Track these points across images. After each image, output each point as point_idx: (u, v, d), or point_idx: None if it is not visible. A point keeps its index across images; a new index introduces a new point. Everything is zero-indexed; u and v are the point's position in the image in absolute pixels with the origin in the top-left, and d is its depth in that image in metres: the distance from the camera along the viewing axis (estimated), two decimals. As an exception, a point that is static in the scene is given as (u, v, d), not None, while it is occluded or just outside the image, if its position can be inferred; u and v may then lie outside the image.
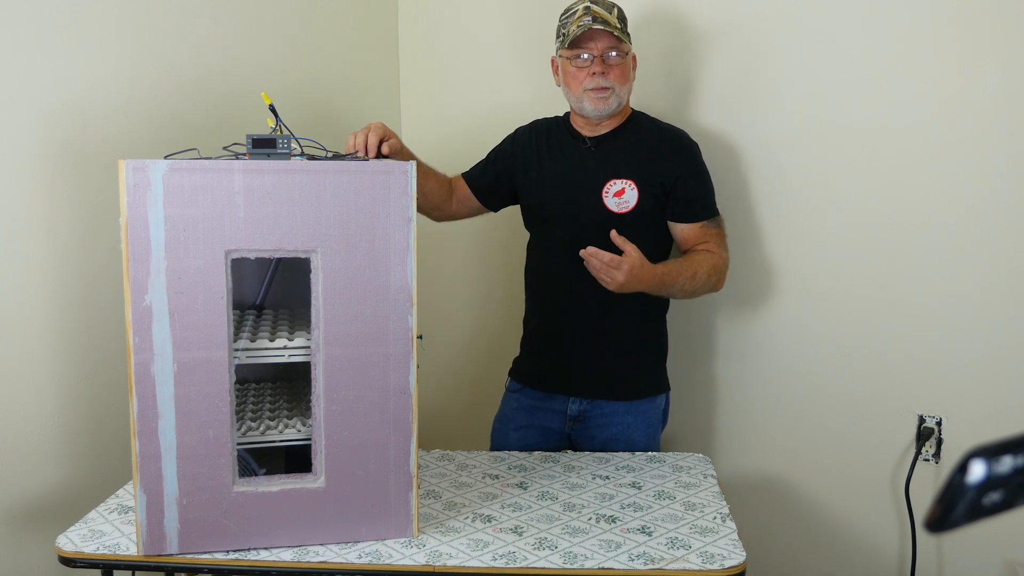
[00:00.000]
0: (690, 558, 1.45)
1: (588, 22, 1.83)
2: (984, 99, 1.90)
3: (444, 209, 2.09)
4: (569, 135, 2.00)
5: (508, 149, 2.08)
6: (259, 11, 2.25)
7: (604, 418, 2.00)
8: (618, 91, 1.89)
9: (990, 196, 1.92)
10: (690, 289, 1.87)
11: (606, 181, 1.91)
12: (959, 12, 1.91)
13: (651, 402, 2.02)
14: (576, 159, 1.97)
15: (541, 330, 2.06)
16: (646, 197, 1.90)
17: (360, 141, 1.70)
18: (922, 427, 2.05)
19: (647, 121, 2.02)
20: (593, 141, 1.96)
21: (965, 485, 0.51)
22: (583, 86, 1.88)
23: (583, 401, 2.01)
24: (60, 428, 1.86)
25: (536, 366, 2.07)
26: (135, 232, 1.34)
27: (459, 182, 2.10)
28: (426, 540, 1.51)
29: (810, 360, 2.18)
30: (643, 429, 2.00)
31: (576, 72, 1.89)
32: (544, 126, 2.07)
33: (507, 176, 2.06)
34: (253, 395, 1.76)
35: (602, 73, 1.86)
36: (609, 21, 1.84)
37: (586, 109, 1.91)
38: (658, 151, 1.94)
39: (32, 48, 1.75)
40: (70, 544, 1.48)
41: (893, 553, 2.13)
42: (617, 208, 1.90)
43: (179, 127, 2.02)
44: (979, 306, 1.96)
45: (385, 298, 1.44)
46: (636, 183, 1.90)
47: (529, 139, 2.05)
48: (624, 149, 1.94)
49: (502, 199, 2.11)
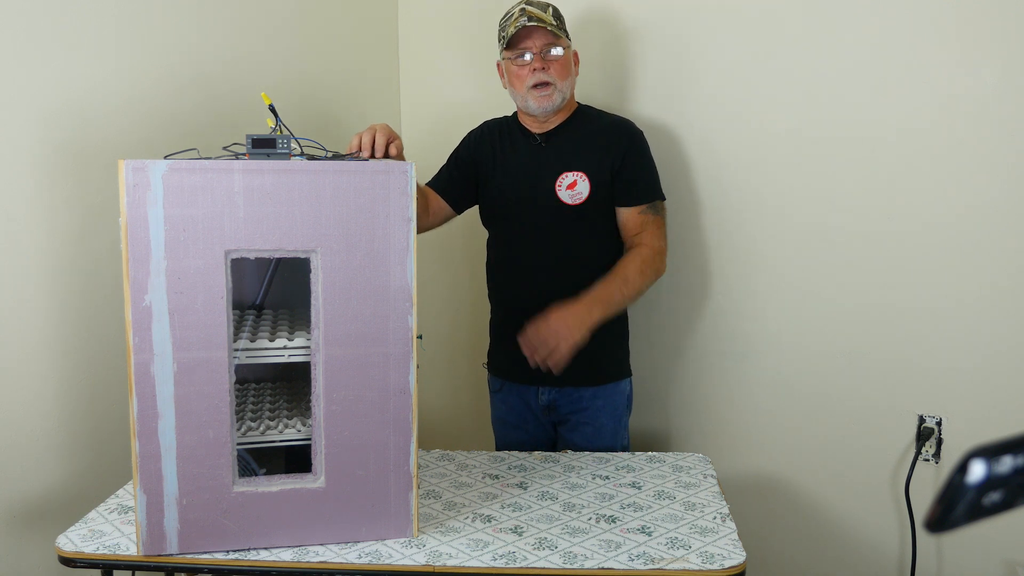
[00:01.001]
0: (690, 558, 1.45)
1: (524, 22, 1.92)
2: (984, 99, 1.90)
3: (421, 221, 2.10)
4: (519, 132, 2.08)
5: (465, 153, 2.14)
6: (259, 11, 2.25)
7: (573, 403, 2.06)
8: (560, 86, 1.96)
9: (990, 197, 1.92)
10: (632, 292, 1.94)
11: (558, 174, 1.99)
12: (960, 12, 1.91)
13: (615, 387, 2.08)
14: (528, 155, 2.05)
15: (505, 322, 2.10)
16: (597, 187, 1.98)
17: (367, 141, 1.70)
18: (922, 427, 2.05)
19: (593, 113, 2.09)
20: (543, 137, 2.04)
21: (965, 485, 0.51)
22: (526, 84, 1.96)
23: (551, 390, 2.06)
24: (60, 428, 1.86)
25: (505, 358, 2.12)
26: (135, 232, 1.34)
27: (431, 193, 2.12)
28: (426, 540, 1.51)
29: (810, 360, 2.18)
30: (610, 413, 2.06)
31: (518, 71, 1.97)
32: (496, 125, 2.14)
33: (473, 178, 2.12)
34: (253, 395, 1.76)
35: (542, 68, 1.94)
36: (544, 19, 1.93)
37: (531, 107, 1.98)
38: (605, 140, 2.01)
39: (32, 48, 1.75)
40: (70, 544, 1.48)
41: (893, 553, 2.13)
42: (570, 200, 1.98)
43: (179, 127, 2.02)
44: (979, 306, 1.96)
45: (385, 298, 1.44)
46: (587, 174, 1.98)
47: (482, 139, 2.12)
48: (573, 142, 2.02)
49: (469, 200, 2.16)
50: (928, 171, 1.98)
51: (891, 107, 2.01)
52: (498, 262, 2.13)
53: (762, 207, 2.19)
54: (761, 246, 2.21)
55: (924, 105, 1.97)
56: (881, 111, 2.02)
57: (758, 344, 2.25)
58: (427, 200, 2.10)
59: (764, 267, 2.21)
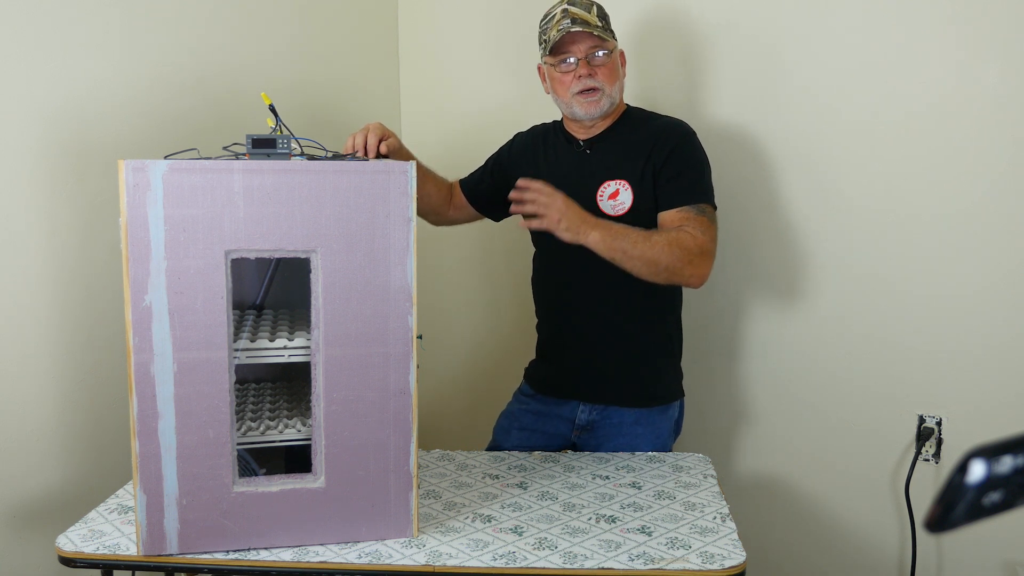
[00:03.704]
0: (690, 558, 1.45)
1: (567, 25, 1.78)
2: (986, 98, 1.90)
3: (442, 214, 2.06)
4: (564, 139, 1.96)
5: (507, 155, 2.04)
6: (259, 11, 2.25)
7: (612, 428, 1.96)
8: (608, 91, 1.84)
9: (989, 197, 1.92)
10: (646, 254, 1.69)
11: (600, 184, 1.86)
12: (960, 12, 1.91)
13: (663, 412, 1.96)
14: (570, 163, 1.92)
15: (551, 338, 2.03)
16: (641, 196, 1.84)
17: (359, 141, 1.69)
18: (922, 427, 2.05)
19: (642, 116, 1.95)
20: (587, 143, 1.92)
21: (965, 485, 0.51)
22: (571, 91, 1.83)
23: (593, 409, 1.97)
24: (60, 428, 1.86)
25: (547, 373, 2.03)
26: (135, 232, 1.34)
27: (457, 189, 2.07)
28: (426, 540, 1.51)
29: (810, 360, 2.18)
30: (651, 441, 1.94)
31: (562, 77, 1.84)
32: (541, 131, 2.03)
33: (506, 185, 1.97)
34: (253, 395, 1.76)
35: (589, 75, 1.81)
36: (589, 21, 1.80)
37: (577, 114, 1.86)
38: (650, 144, 1.86)
39: (32, 48, 1.75)
40: (70, 544, 1.48)
41: (893, 553, 2.13)
42: (613, 211, 1.84)
43: (179, 127, 2.02)
44: (979, 306, 1.96)
45: (385, 298, 1.44)
46: (630, 183, 1.84)
47: (527, 145, 2.02)
48: (618, 147, 1.89)
49: (503, 208, 2.02)
50: (928, 171, 1.98)
51: (893, 101, 2.01)
52: (543, 276, 2.02)
53: (759, 207, 2.19)
54: (758, 246, 2.21)
55: (926, 102, 1.97)
56: (882, 106, 2.02)
57: (756, 344, 2.25)
58: (451, 193, 2.04)
59: (763, 267, 2.21)
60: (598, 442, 1.97)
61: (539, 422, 2.02)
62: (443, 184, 2.05)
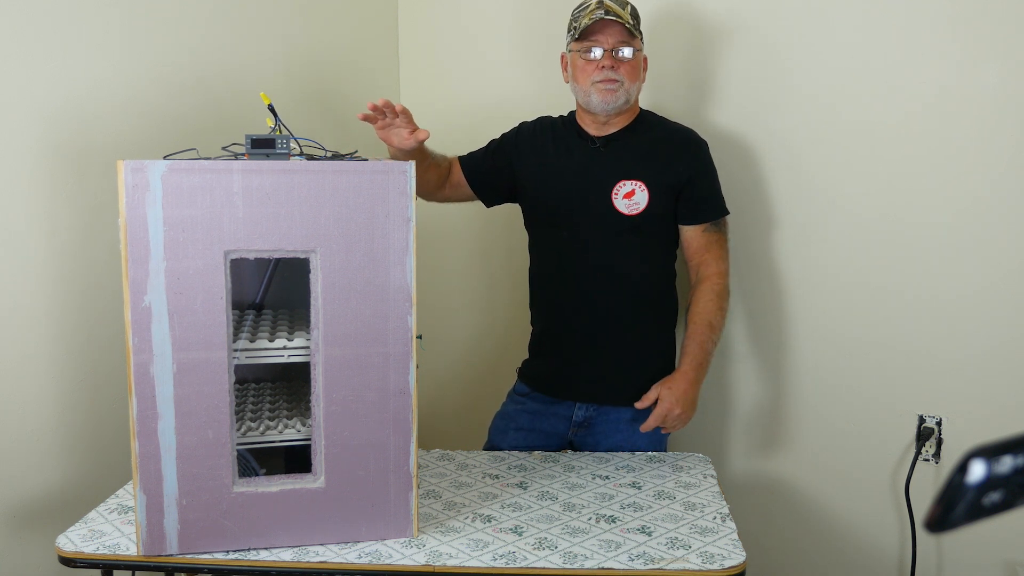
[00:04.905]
0: (690, 558, 1.45)
1: (600, 14, 1.81)
2: (986, 98, 1.90)
3: (436, 193, 2.05)
4: (576, 134, 1.96)
5: (512, 142, 2.02)
6: (259, 11, 2.25)
7: (609, 425, 1.96)
8: (627, 86, 1.85)
9: (989, 197, 1.92)
10: (719, 336, 1.93)
11: (616, 182, 1.87)
12: (960, 12, 1.90)
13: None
14: (584, 159, 1.92)
15: (548, 334, 2.03)
16: (656, 199, 1.87)
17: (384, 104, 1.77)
18: (922, 427, 2.05)
19: (655, 120, 1.98)
20: (602, 141, 1.92)
21: (965, 485, 0.51)
22: (591, 79, 1.84)
23: (589, 407, 1.98)
24: (60, 428, 1.86)
25: (543, 371, 2.03)
26: (134, 232, 1.34)
27: (455, 166, 2.05)
28: (426, 540, 1.51)
29: (810, 360, 2.18)
30: (647, 439, 1.94)
31: (585, 65, 1.85)
32: (550, 124, 2.02)
33: (508, 170, 2.01)
34: (253, 395, 1.76)
35: (611, 67, 1.83)
36: (621, 15, 1.82)
37: (593, 103, 1.86)
38: (668, 150, 1.91)
39: (32, 48, 1.75)
40: (70, 544, 1.48)
41: (893, 553, 2.13)
42: (627, 210, 1.87)
43: (178, 127, 2.02)
44: (979, 306, 1.96)
45: (385, 298, 1.44)
46: (646, 184, 1.87)
47: (534, 135, 2.01)
48: (633, 149, 1.91)
49: (498, 193, 2.05)
50: (928, 172, 1.98)
51: (893, 103, 2.01)
52: (543, 271, 2.01)
53: (757, 207, 2.19)
54: (759, 246, 2.21)
55: (925, 104, 1.97)
56: (882, 107, 2.02)
57: (757, 345, 2.25)
58: (449, 171, 2.03)
59: (763, 267, 2.21)
60: (596, 439, 1.98)
61: (536, 421, 2.02)
62: (443, 166, 2.03)
